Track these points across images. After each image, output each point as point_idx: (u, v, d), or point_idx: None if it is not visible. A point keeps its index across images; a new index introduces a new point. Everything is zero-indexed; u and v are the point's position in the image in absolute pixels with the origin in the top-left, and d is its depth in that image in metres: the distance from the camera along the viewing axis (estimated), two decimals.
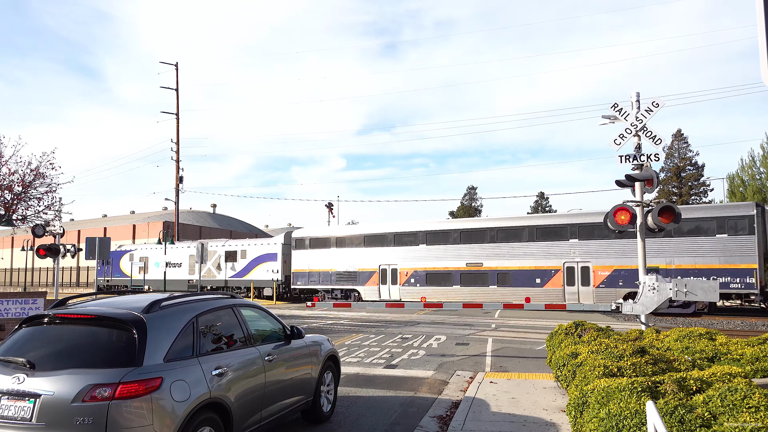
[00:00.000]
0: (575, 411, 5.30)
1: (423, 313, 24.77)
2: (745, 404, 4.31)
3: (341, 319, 22.67)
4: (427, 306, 13.70)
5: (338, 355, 7.96)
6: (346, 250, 31.63)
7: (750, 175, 41.83)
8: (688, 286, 9.40)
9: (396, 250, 29.99)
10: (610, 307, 10.51)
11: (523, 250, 26.47)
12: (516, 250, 26.65)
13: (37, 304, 11.03)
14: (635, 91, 10.67)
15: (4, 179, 23.02)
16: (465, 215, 68.17)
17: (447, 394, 8.82)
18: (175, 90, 44.48)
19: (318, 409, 7.10)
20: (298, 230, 34.97)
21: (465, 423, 6.88)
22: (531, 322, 20.83)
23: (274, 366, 6.12)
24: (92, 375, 4.37)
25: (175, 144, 43.93)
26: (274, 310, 21.40)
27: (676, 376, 5.15)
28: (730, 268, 22.22)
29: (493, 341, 15.25)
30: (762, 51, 3.53)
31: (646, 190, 10.34)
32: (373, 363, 11.80)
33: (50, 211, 23.90)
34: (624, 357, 6.44)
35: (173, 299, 5.41)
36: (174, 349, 4.87)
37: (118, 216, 74.75)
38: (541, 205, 69.33)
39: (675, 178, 52.10)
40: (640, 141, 10.53)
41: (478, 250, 27.61)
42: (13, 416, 4.33)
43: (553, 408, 7.59)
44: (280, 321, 6.95)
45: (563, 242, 25.53)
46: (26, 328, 5.06)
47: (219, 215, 74.02)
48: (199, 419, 4.76)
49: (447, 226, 29.61)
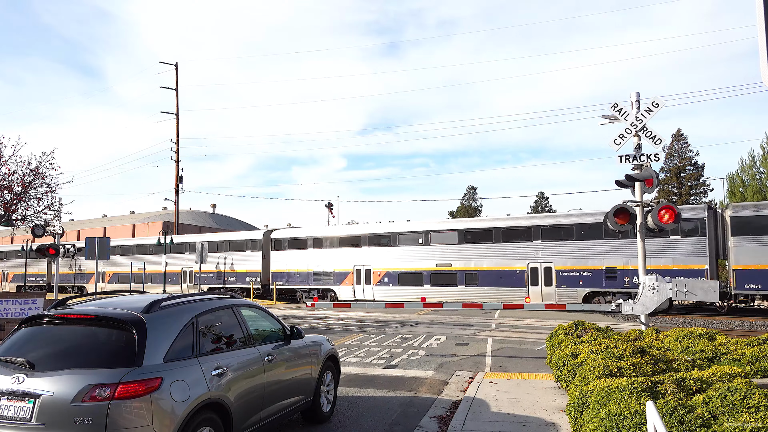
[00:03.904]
0: (575, 411, 5.30)
1: (423, 313, 24.76)
2: (745, 404, 4.32)
3: (341, 319, 22.67)
4: (427, 306, 13.69)
5: (338, 355, 7.95)
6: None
7: (750, 175, 41.85)
8: (688, 286, 9.40)
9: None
10: (610, 307, 10.51)
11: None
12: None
13: (36, 304, 11.01)
14: (635, 91, 10.68)
15: (3, 179, 23.03)
16: (465, 215, 68.17)
17: (447, 395, 8.82)
18: (174, 90, 44.48)
19: (318, 409, 7.09)
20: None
21: (465, 423, 6.88)
22: (530, 322, 20.84)
23: (274, 366, 6.12)
24: (92, 375, 4.36)
25: (175, 144, 43.94)
26: (274, 310, 21.39)
27: (676, 376, 5.15)
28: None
29: (493, 341, 15.24)
30: (762, 51, 3.53)
31: (645, 190, 10.34)
32: (372, 363, 11.80)
33: (50, 211, 23.94)
34: (624, 357, 6.44)
35: (173, 299, 5.40)
36: (174, 350, 4.86)
37: (118, 216, 74.71)
38: (541, 205, 69.31)
39: (675, 178, 52.11)
40: (640, 141, 10.53)
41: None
42: (12, 416, 4.32)
43: (553, 408, 7.59)
44: (280, 321, 6.94)
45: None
46: (26, 328, 5.05)
47: (219, 215, 74.01)
48: (199, 419, 4.75)
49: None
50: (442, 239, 28.98)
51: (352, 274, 31.33)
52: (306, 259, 33.10)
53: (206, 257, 33.16)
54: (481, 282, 27.62)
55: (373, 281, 30.65)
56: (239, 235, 38.43)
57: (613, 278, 24.84)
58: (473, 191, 74.44)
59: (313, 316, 23.99)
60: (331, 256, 32.23)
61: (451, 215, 71.98)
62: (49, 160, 23.87)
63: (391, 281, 30.02)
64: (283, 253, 34.05)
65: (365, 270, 30.95)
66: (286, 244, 34.05)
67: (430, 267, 28.98)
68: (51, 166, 23.94)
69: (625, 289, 24.51)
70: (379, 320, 22.05)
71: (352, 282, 31.34)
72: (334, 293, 31.91)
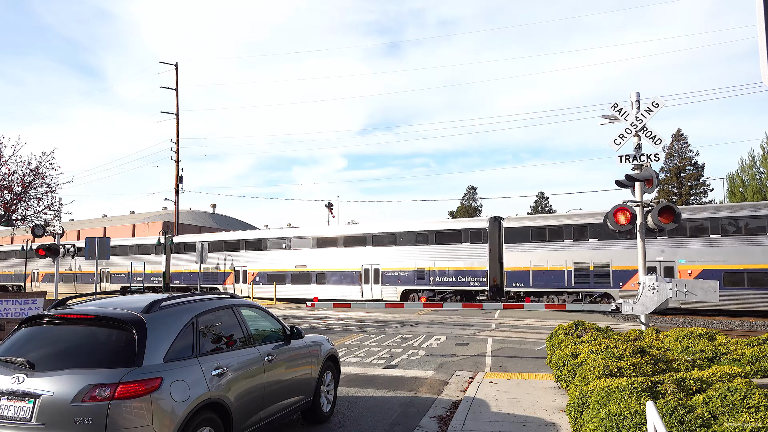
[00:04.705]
0: (575, 411, 5.30)
1: (423, 313, 24.78)
2: (745, 404, 4.32)
3: (341, 319, 22.67)
4: (427, 306, 13.70)
5: (338, 355, 7.95)
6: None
7: (750, 175, 41.87)
8: (688, 287, 9.39)
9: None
10: (610, 307, 10.51)
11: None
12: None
13: (36, 304, 11.02)
14: (635, 91, 10.67)
15: (3, 179, 23.01)
16: (465, 215, 68.15)
17: (447, 395, 8.82)
18: (174, 90, 44.45)
19: (318, 409, 7.09)
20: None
21: (465, 423, 6.88)
22: (530, 322, 20.85)
23: (274, 366, 6.12)
24: (92, 375, 4.36)
25: (175, 144, 43.91)
26: (274, 310, 21.38)
27: (676, 376, 5.15)
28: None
29: (493, 341, 15.24)
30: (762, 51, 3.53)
31: (645, 190, 10.34)
32: (372, 363, 11.80)
33: (50, 211, 23.89)
34: (624, 357, 6.44)
35: (173, 299, 5.40)
36: (174, 350, 4.86)
37: (118, 216, 74.73)
38: (541, 205, 69.26)
39: (675, 178, 52.09)
40: (640, 141, 10.52)
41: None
42: (12, 416, 4.32)
43: (553, 408, 7.59)
44: (280, 321, 6.94)
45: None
46: (26, 328, 5.05)
47: (219, 215, 74.02)
48: (199, 419, 4.75)
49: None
50: (300, 244, 34.07)
51: (232, 275, 36.36)
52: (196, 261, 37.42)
53: (206, 257, 33.71)
54: (329, 281, 32.45)
55: (248, 280, 35.59)
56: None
57: (422, 278, 29.71)
58: (473, 191, 74.42)
59: (313, 316, 23.99)
60: (217, 259, 36.79)
61: (451, 215, 71.93)
62: (49, 160, 23.83)
63: (263, 280, 34.97)
64: (180, 256, 38.56)
65: (242, 270, 36.05)
66: (182, 248, 38.36)
67: (291, 268, 33.73)
68: (51, 166, 23.89)
69: (430, 286, 29.49)
70: (379, 320, 22.05)
71: (232, 281, 36.23)
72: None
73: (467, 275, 28.39)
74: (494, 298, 28.25)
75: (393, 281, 30.57)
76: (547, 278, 26.62)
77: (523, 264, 27.06)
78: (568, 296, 26.59)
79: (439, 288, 29.23)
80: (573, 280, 26.10)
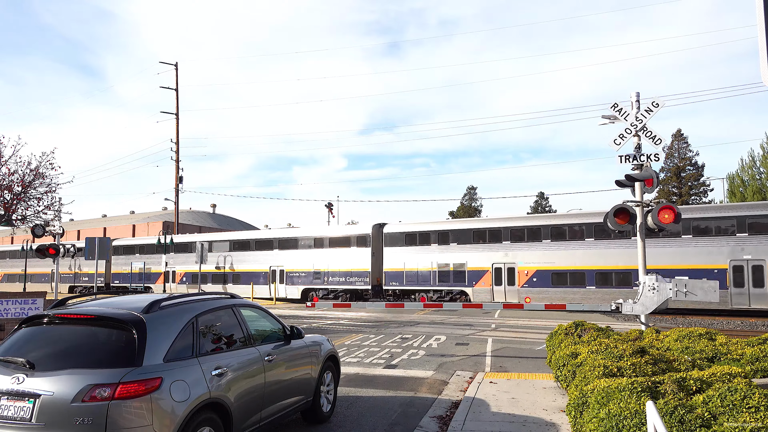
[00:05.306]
0: (575, 411, 5.30)
1: (423, 313, 24.79)
2: (744, 404, 4.32)
3: (341, 319, 22.67)
4: (427, 306, 13.69)
5: (338, 355, 7.95)
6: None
7: (750, 175, 41.87)
8: (688, 286, 9.40)
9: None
10: (610, 307, 10.51)
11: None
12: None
13: (36, 304, 11.01)
14: (635, 91, 10.67)
15: (3, 179, 23.01)
16: (465, 215, 68.18)
17: (447, 395, 8.82)
18: (174, 90, 44.48)
19: (318, 409, 7.09)
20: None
21: (465, 423, 6.88)
22: (530, 322, 20.85)
23: (274, 366, 6.11)
24: (92, 375, 4.36)
25: (175, 144, 43.94)
26: (274, 310, 21.37)
27: (676, 376, 5.15)
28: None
29: (493, 341, 15.24)
30: (762, 51, 3.53)
31: (645, 190, 10.34)
32: (372, 363, 11.80)
33: (50, 211, 23.89)
34: (624, 357, 6.44)
35: (173, 299, 5.40)
36: (174, 350, 4.86)
37: (118, 216, 74.73)
38: (540, 205, 69.25)
39: (675, 178, 52.09)
40: (640, 141, 10.52)
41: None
42: (12, 416, 4.32)
43: (553, 408, 7.59)
44: (280, 321, 6.94)
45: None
46: (26, 328, 5.05)
47: (219, 215, 74.01)
48: (199, 419, 4.75)
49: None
50: (219, 247, 36.88)
51: (162, 276, 39.27)
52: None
53: (206, 257, 34.10)
54: (243, 281, 35.35)
55: (176, 280, 38.67)
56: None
57: (318, 278, 32.75)
58: (473, 191, 74.39)
59: (313, 316, 23.99)
60: (167, 261, 38.86)
61: (451, 215, 71.96)
62: (49, 160, 23.84)
63: (188, 281, 37.87)
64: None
65: (171, 272, 39.06)
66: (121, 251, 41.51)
67: (212, 269, 36.75)
68: (51, 166, 23.91)
69: (324, 286, 32.46)
70: (379, 320, 22.05)
71: (162, 281, 39.42)
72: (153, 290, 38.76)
73: (354, 276, 31.58)
74: (376, 296, 31.34)
75: (295, 281, 33.71)
76: (417, 278, 29.89)
77: (399, 265, 30.38)
78: (433, 294, 29.66)
79: (332, 287, 32.29)
80: (437, 279, 29.39)
